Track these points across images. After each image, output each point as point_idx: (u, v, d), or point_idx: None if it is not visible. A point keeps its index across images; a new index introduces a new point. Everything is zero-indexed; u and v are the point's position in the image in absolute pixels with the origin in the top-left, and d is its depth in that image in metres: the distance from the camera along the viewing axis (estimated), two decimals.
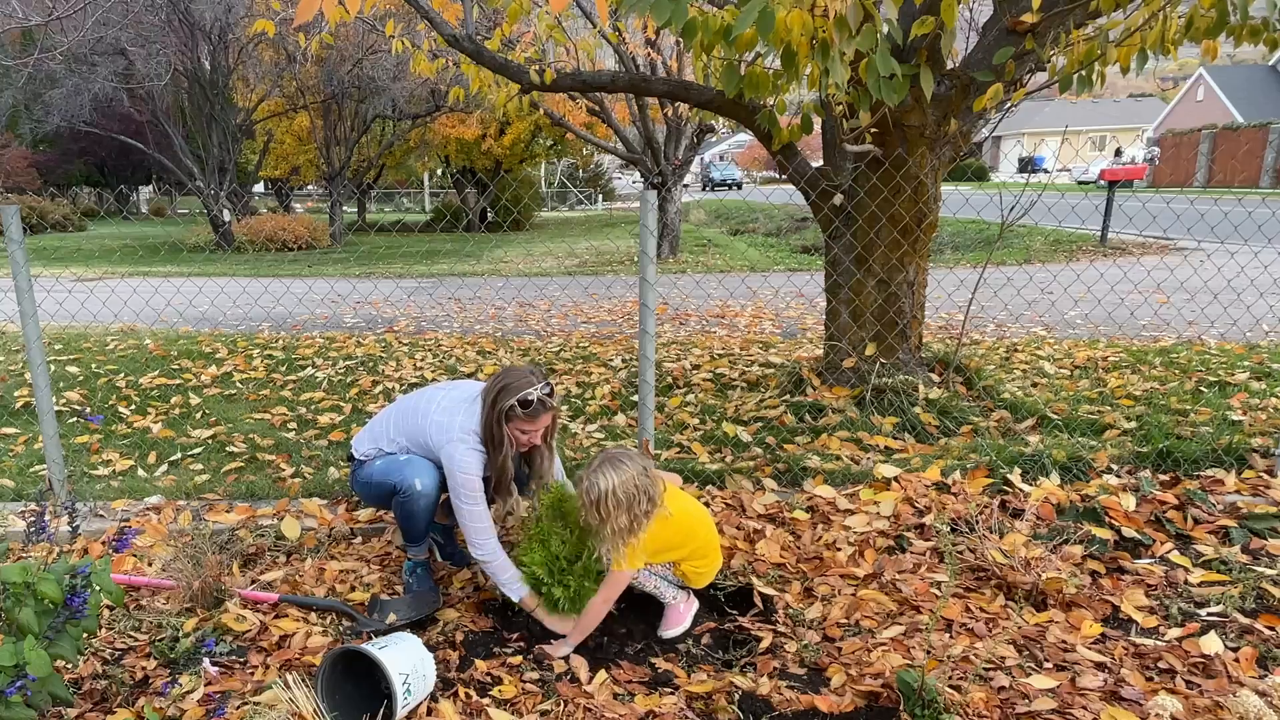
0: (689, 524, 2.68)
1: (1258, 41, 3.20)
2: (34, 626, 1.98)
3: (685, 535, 2.67)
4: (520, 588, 2.67)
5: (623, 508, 2.44)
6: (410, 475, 2.77)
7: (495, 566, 2.69)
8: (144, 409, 4.96)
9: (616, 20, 8.05)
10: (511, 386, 2.61)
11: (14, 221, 3.31)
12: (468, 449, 2.66)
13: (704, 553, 2.73)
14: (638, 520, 2.48)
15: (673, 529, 2.60)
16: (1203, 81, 39.13)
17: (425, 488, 2.76)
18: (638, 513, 2.47)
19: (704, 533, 2.74)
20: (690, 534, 2.68)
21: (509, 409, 2.61)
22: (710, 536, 2.78)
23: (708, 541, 2.76)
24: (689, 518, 2.69)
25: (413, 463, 2.80)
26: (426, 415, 2.80)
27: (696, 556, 2.71)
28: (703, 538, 2.73)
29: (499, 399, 2.62)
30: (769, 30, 2.38)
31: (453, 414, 2.73)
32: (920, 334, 4.48)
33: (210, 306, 8.26)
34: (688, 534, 2.68)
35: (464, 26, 4.00)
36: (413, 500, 2.77)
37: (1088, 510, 3.26)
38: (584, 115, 14.71)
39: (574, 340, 6.81)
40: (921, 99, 3.72)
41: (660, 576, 2.72)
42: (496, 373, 2.72)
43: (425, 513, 2.81)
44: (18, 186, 26.47)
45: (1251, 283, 6.15)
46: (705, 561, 2.74)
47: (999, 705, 2.20)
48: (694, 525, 2.70)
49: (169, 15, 15.12)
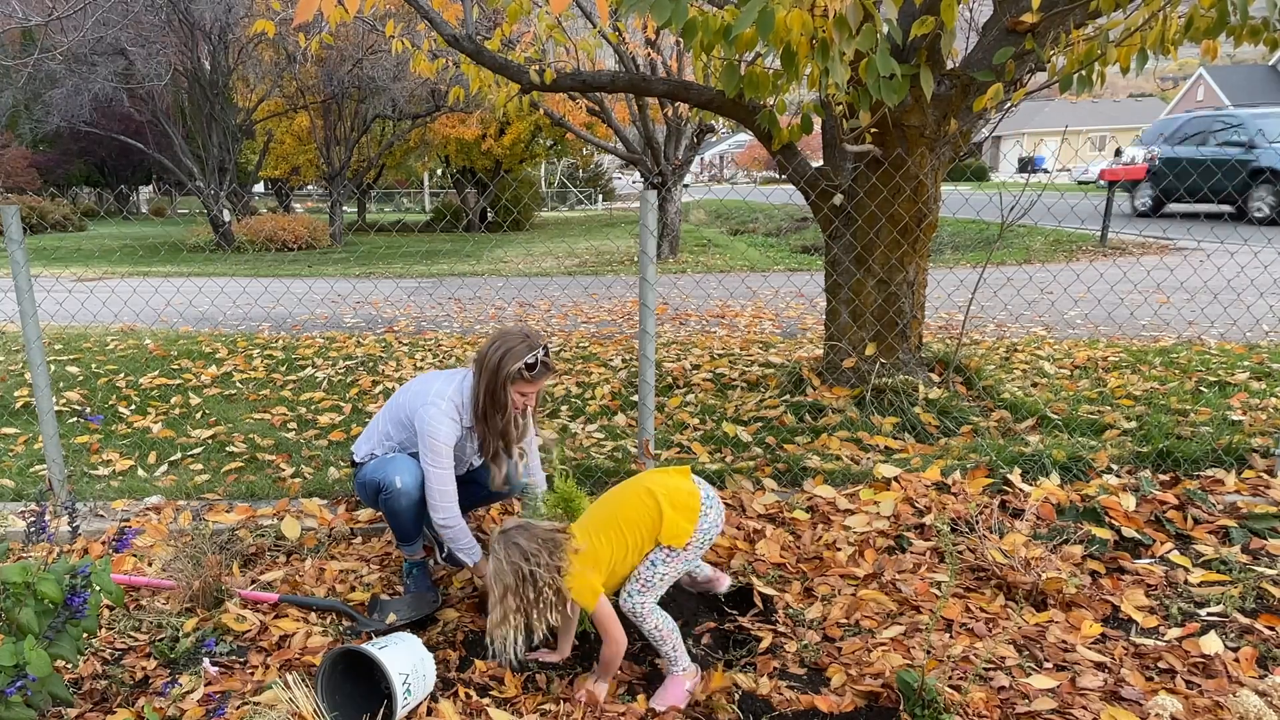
0: (612, 529, 2.35)
1: (1258, 41, 3.20)
2: (34, 626, 1.98)
3: (615, 542, 2.34)
4: (476, 553, 2.75)
5: (513, 590, 2.22)
6: (391, 473, 2.77)
7: (454, 532, 2.74)
8: (144, 409, 4.96)
9: (616, 20, 8.05)
10: (514, 351, 2.59)
11: (14, 221, 3.31)
12: (438, 412, 2.67)
13: (656, 532, 2.34)
14: (542, 589, 2.21)
15: (597, 547, 2.32)
16: (1203, 81, 39.16)
17: (405, 485, 2.76)
18: (543, 579, 2.22)
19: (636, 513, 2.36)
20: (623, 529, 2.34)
21: (514, 372, 2.59)
22: (644, 511, 2.36)
23: (647, 520, 2.35)
24: (608, 520, 2.38)
25: (395, 460, 2.81)
26: (406, 391, 2.85)
27: (650, 539, 2.34)
28: (641, 521, 2.35)
29: (503, 363, 2.59)
30: (769, 30, 2.38)
31: (429, 381, 2.79)
32: (920, 334, 4.48)
33: (210, 306, 8.26)
34: (611, 550, 2.33)
35: (464, 26, 4.00)
36: (394, 498, 2.77)
37: (1088, 510, 3.26)
38: (584, 115, 14.71)
39: (574, 340, 6.80)
40: (921, 99, 3.72)
41: (661, 615, 2.34)
42: (491, 337, 2.70)
43: (409, 510, 2.81)
44: (18, 186, 26.46)
45: (1251, 283, 6.15)
46: (663, 530, 2.34)
47: (999, 705, 2.20)
48: (618, 518, 2.36)
49: (169, 15, 15.12)
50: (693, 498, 2.42)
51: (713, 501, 2.47)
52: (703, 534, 2.41)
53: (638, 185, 33.94)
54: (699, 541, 2.41)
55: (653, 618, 2.33)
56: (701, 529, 2.40)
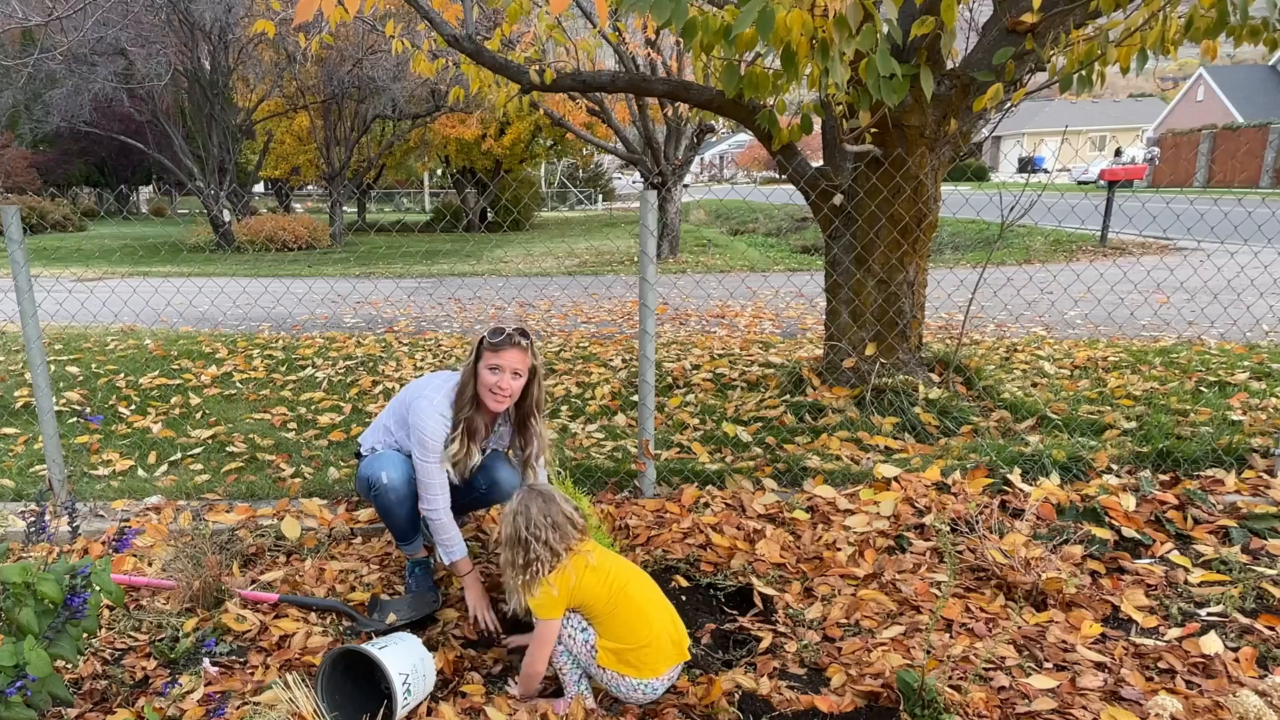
0: (615, 584, 2.28)
1: (1258, 41, 3.21)
2: (34, 626, 1.98)
3: (608, 593, 2.27)
4: (456, 551, 2.74)
5: (507, 542, 2.27)
6: (379, 469, 2.78)
7: (439, 524, 2.74)
8: (144, 409, 4.96)
9: (616, 20, 8.05)
10: (490, 329, 2.65)
11: (14, 221, 3.31)
12: (430, 406, 2.69)
13: (630, 634, 2.25)
14: (538, 562, 2.23)
15: (593, 579, 2.27)
16: (1203, 81, 39.12)
17: (392, 480, 2.77)
18: (536, 552, 2.23)
19: (631, 606, 2.27)
20: (615, 594, 2.27)
21: (479, 344, 2.65)
22: (641, 622, 2.26)
23: (636, 617, 2.27)
24: (619, 581, 2.30)
25: (384, 456, 2.82)
26: (410, 387, 2.89)
27: (617, 636, 2.25)
28: (631, 611, 2.27)
29: (477, 341, 2.67)
30: (769, 30, 2.38)
31: (429, 378, 2.85)
32: (920, 334, 4.48)
33: (210, 306, 8.26)
34: (609, 594, 2.27)
35: (464, 26, 4.00)
36: (383, 494, 2.78)
37: (1088, 510, 3.26)
38: (584, 115, 14.72)
39: (574, 340, 6.80)
40: (921, 99, 3.72)
41: (571, 654, 2.29)
42: None
43: (400, 506, 2.81)
44: (18, 186, 26.47)
45: (1251, 283, 6.15)
46: (631, 643, 2.23)
47: (999, 705, 2.20)
48: (623, 590, 2.28)
49: (169, 15, 15.13)
50: (685, 640, 2.35)
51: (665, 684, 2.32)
52: (649, 687, 2.26)
53: (638, 185, 33.94)
54: (646, 692, 2.27)
55: (558, 659, 2.32)
56: (651, 685, 2.26)
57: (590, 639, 2.27)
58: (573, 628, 2.29)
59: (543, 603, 2.24)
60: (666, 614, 2.33)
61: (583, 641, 2.27)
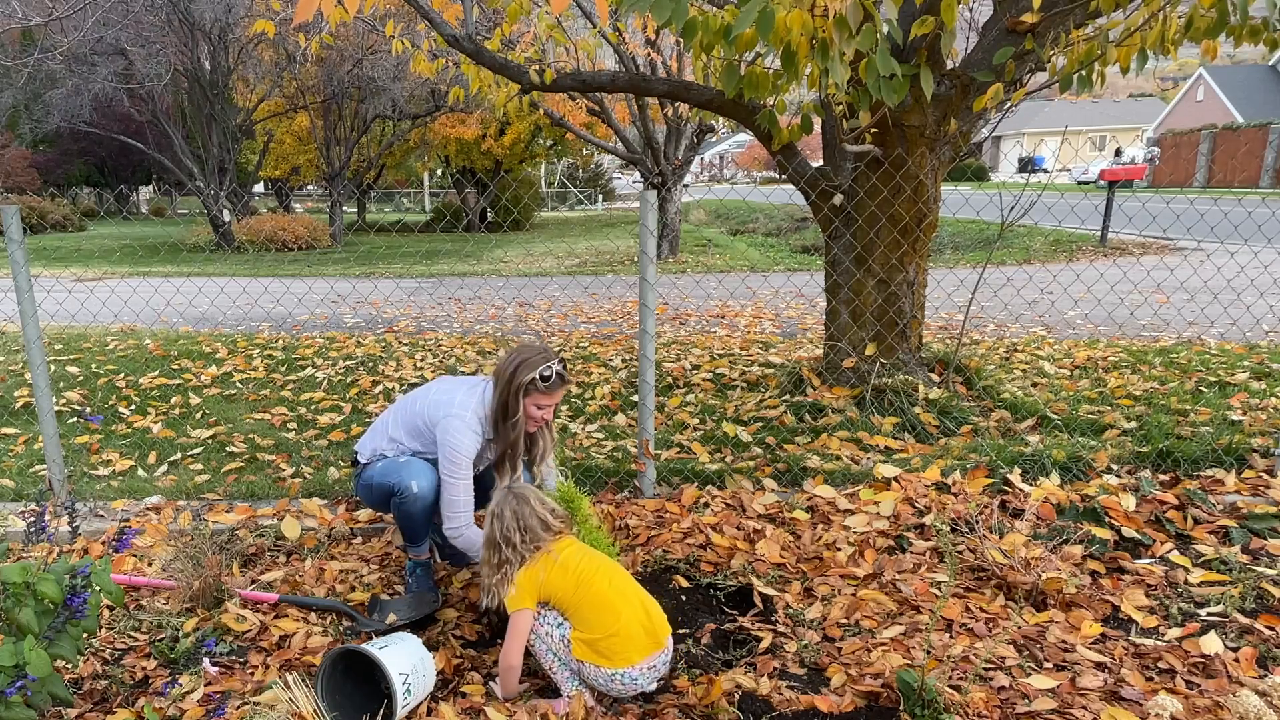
0: (582, 577, 2.35)
1: (1258, 41, 3.20)
2: (34, 626, 1.98)
3: (573, 584, 2.34)
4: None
5: (493, 545, 2.39)
6: (407, 477, 2.78)
7: (463, 541, 2.76)
8: (144, 409, 4.96)
9: (616, 20, 8.05)
10: (529, 361, 2.64)
11: (14, 221, 3.31)
12: (463, 425, 2.69)
13: (599, 624, 2.29)
14: (508, 564, 2.36)
15: (558, 574, 2.35)
16: (1203, 81, 39.13)
17: (422, 489, 2.77)
18: (506, 554, 2.36)
19: (596, 596, 2.32)
20: (579, 586, 2.33)
21: (529, 383, 2.64)
22: (608, 612, 2.30)
23: (602, 607, 2.31)
24: (585, 573, 2.36)
25: (411, 464, 2.81)
26: (425, 397, 2.85)
27: (588, 626, 2.30)
28: (596, 601, 2.32)
29: (517, 373, 2.64)
30: (769, 30, 2.38)
31: (452, 392, 2.80)
32: (920, 334, 4.48)
33: (210, 306, 8.26)
34: (575, 585, 2.34)
35: (464, 26, 4.00)
36: (410, 502, 2.78)
37: (1088, 510, 3.26)
38: (584, 115, 14.71)
39: (574, 340, 6.80)
40: (921, 99, 3.72)
41: (553, 653, 2.34)
42: (509, 350, 2.76)
43: (423, 514, 2.82)
44: (18, 186, 26.46)
45: (1251, 283, 6.15)
46: (600, 633, 2.28)
47: (999, 705, 2.20)
48: (589, 582, 2.34)
49: (169, 15, 15.12)
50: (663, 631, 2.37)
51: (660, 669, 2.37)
52: (625, 677, 2.28)
53: (638, 185, 33.95)
54: (624, 682, 2.29)
55: (543, 656, 2.37)
56: (629, 675, 2.27)
57: (565, 633, 2.33)
58: (549, 624, 2.36)
59: (512, 595, 2.36)
60: (638, 604, 2.36)
61: (559, 637, 2.34)
